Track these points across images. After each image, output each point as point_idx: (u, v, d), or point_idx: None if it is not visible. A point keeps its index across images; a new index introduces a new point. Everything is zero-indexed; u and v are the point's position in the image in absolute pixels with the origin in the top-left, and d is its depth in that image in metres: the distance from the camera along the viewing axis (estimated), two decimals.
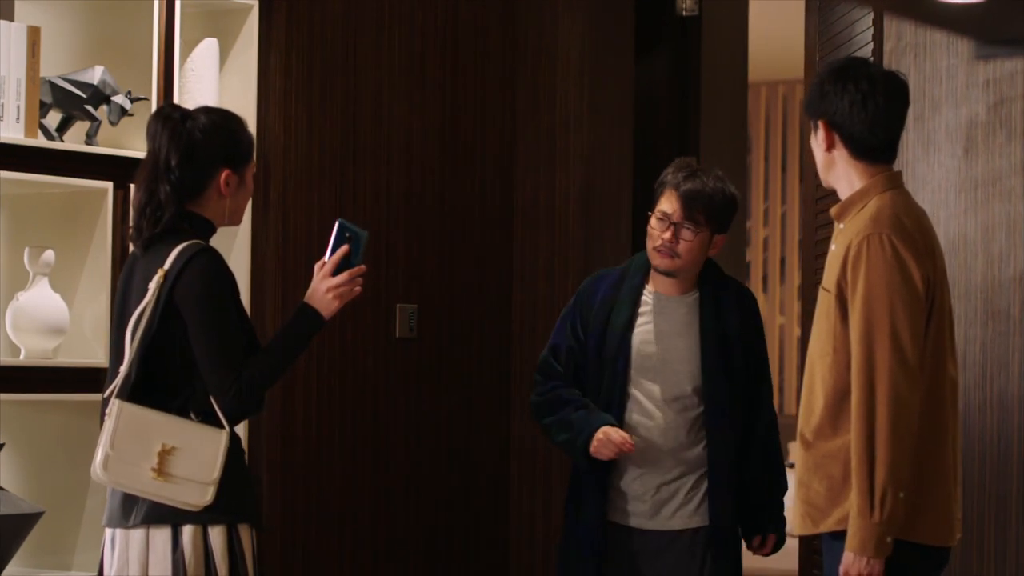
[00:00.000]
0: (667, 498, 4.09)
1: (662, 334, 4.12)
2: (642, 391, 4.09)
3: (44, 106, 4.46)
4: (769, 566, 9.51)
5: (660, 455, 4.08)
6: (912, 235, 3.42)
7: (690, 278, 4.14)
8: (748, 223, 11.16)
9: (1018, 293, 4.09)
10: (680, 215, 4.06)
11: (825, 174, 3.60)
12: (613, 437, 3.98)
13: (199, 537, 3.48)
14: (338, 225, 3.63)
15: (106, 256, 4.53)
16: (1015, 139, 4.12)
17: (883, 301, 3.37)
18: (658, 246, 4.08)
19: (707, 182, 4.08)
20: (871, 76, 3.53)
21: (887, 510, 3.32)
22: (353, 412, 5.23)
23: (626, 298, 4.14)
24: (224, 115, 3.66)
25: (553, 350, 4.19)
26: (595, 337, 4.12)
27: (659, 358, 4.10)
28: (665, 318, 4.13)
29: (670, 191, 4.11)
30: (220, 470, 3.46)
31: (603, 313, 4.14)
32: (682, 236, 4.06)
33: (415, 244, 5.41)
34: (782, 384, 11.51)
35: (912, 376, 3.35)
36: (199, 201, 3.60)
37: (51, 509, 4.35)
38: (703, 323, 4.10)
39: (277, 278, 5.03)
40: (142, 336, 3.50)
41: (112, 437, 3.45)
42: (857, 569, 3.36)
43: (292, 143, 5.09)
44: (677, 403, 4.09)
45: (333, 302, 3.59)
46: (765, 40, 8.94)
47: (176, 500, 3.46)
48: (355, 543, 5.23)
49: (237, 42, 4.95)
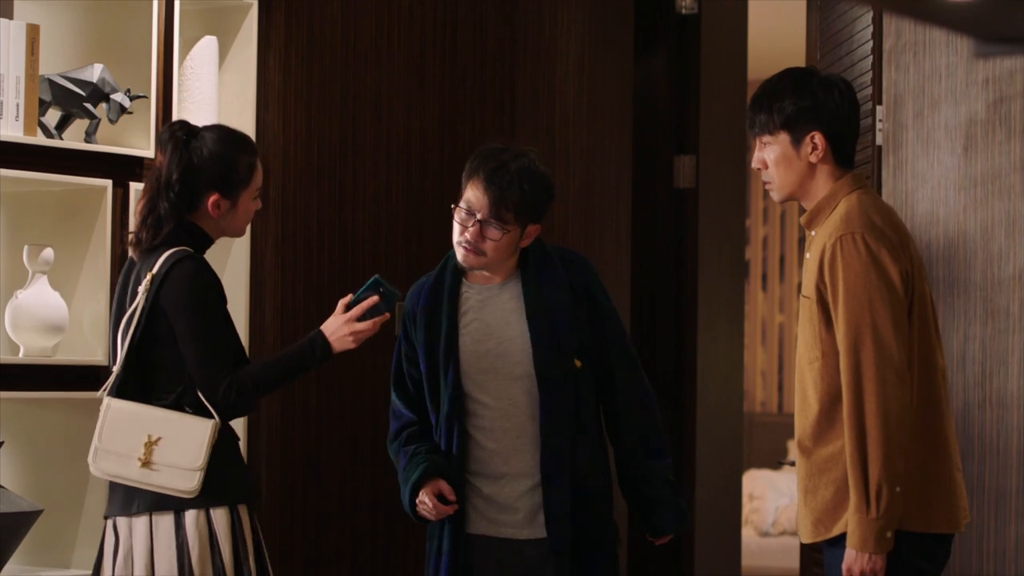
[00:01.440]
0: (541, 503, 3.75)
1: (491, 328, 3.79)
2: (486, 393, 3.77)
3: (43, 104, 4.46)
4: (771, 565, 9.55)
5: (525, 455, 3.76)
6: (884, 231, 3.43)
7: (507, 268, 3.82)
8: (747, 221, 11.16)
9: (1017, 291, 4.08)
10: (486, 212, 3.73)
11: (796, 187, 3.57)
12: (427, 504, 3.71)
13: (203, 520, 3.65)
14: (373, 280, 3.78)
15: (105, 254, 4.53)
16: (1014, 137, 4.12)
17: (863, 300, 3.39)
18: (461, 242, 3.76)
19: (517, 175, 3.73)
20: (841, 81, 3.58)
21: (883, 505, 3.34)
22: (352, 409, 5.23)
23: (445, 301, 3.81)
24: (228, 140, 3.82)
25: (394, 381, 3.91)
26: (424, 350, 3.81)
27: (495, 354, 3.78)
28: (491, 311, 3.81)
29: (476, 181, 3.76)
30: (206, 457, 3.63)
31: (424, 323, 3.82)
32: (488, 235, 3.74)
33: (414, 242, 5.41)
34: (782, 383, 11.52)
35: (898, 371, 3.37)
36: (197, 215, 3.79)
37: (50, 507, 4.34)
38: (527, 307, 3.77)
39: (276, 277, 5.03)
40: (131, 338, 3.69)
41: (100, 431, 3.67)
42: (860, 566, 3.38)
43: (291, 141, 5.09)
44: (527, 397, 3.75)
45: (350, 343, 3.77)
46: (764, 38, 8.93)
47: (164, 487, 3.63)
48: (354, 539, 5.23)
49: (236, 40, 4.95)
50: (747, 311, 10.61)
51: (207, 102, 4.76)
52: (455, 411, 3.77)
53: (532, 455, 3.75)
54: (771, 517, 10.07)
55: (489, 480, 3.77)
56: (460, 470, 3.78)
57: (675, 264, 6.64)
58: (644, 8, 6.47)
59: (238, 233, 3.88)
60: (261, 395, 3.77)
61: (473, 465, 3.78)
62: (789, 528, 9.82)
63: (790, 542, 9.35)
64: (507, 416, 3.77)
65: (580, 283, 3.83)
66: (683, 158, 6.60)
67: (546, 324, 3.76)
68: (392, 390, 3.93)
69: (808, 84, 3.54)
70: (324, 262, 5.17)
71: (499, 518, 3.76)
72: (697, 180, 6.60)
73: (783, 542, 9.75)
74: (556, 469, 3.73)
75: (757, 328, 11.51)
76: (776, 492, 10.11)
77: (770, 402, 11.51)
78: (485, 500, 3.77)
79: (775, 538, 9.98)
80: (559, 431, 3.74)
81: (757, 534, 10.01)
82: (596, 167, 6.09)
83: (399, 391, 3.92)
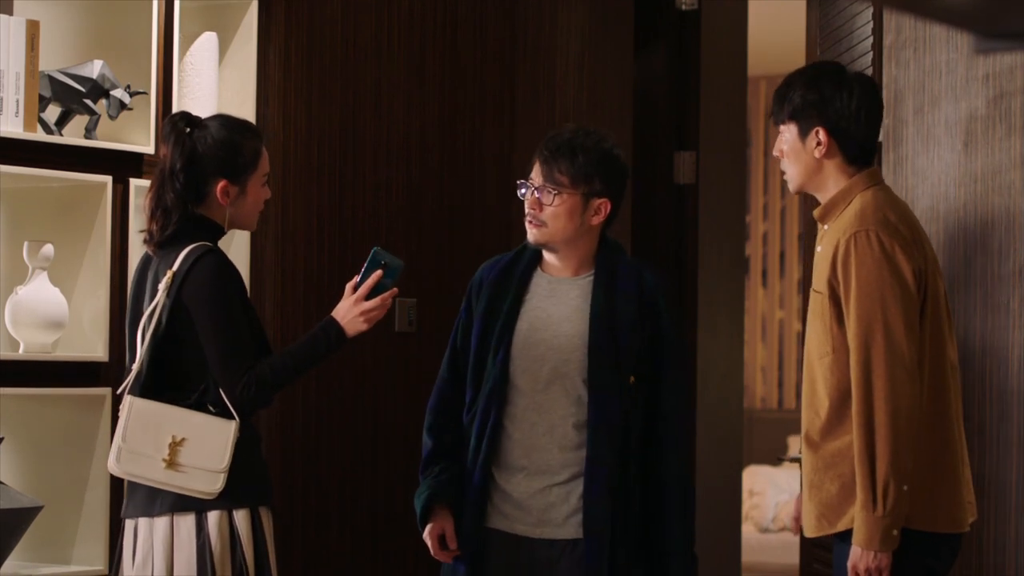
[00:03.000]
0: (557, 502, 3.69)
1: (550, 319, 3.72)
2: (527, 382, 3.70)
3: (43, 100, 4.46)
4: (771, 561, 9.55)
5: (547, 454, 3.69)
6: (898, 228, 3.43)
7: (579, 255, 3.74)
8: (748, 217, 11.16)
9: (1017, 287, 4.08)
10: (540, 178, 3.69)
11: (806, 181, 3.56)
12: (433, 547, 3.72)
13: (225, 522, 3.62)
14: (373, 253, 3.74)
15: (105, 250, 4.53)
16: (1015, 133, 4.11)
17: (875, 297, 3.38)
18: (525, 217, 3.73)
19: (569, 142, 3.68)
20: (864, 80, 3.56)
21: (890, 503, 3.34)
22: (352, 405, 5.23)
23: (515, 282, 3.75)
24: (232, 126, 3.80)
25: (448, 363, 3.82)
26: (479, 323, 3.74)
27: (547, 346, 3.70)
28: (555, 302, 3.74)
29: (536, 157, 3.73)
30: (229, 459, 3.60)
31: (488, 296, 3.76)
32: (543, 200, 3.67)
33: (414, 238, 5.41)
34: (782, 379, 11.51)
35: (908, 369, 3.37)
36: (205, 205, 3.75)
37: (50, 503, 4.35)
38: (593, 307, 3.68)
39: (276, 273, 5.03)
40: (152, 335, 3.65)
41: (124, 431, 3.62)
42: (865, 563, 3.36)
43: (291, 138, 5.09)
44: (566, 398, 3.69)
45: (362, 325, 3.72)
46: (765, 34, 8.93)
47: (187, 488, 3.60)
48: (354, 536, 5.23)
49: (236, 36, 4.95)
50: (747, 307, 10.62)
51: (207, 98, 4.76)
52: (496, 393, 3.70)
53: (553, 455, 3.68)
54: (771, 513, 10.07)
55: (507, 472, 3.72)
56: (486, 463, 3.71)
57: (675, 260, 6.64)
58: (644, 5, 6.46)
59: (249, 224, 3.84)
60: (279, 388, 3.71)
61: (498, 454, 3.73)
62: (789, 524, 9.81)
63: (790, 538, 9.34)
64: (540, 409, 3.70)
65: (650, 299, 3.73)
66: (683, 154, 6.60)
67: (607, 331, 3.67)
68: (443, 364, 3.84)
69: (819, 79, 3.54)
70: (324, 258, 5.18)
71: (514, 514, 3.71)
72: (697, 176, 6.60)
73: (783, 538, 9.76)
74: (599, 479, 3.64)
75: (757, 324, 11.51)
76: (776, 488, 10.11)
77: (770, 398, 11.51)
78: (502, 494, 3.72)
79: (775, 534, 9.99)
80: (604, 439, 3.64)
81: (757, 530, 10.02)
82: None
83: (450, 365, 3.82)
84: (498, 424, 3.72)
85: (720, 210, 6.76)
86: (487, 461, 3.72)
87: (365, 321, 3.72)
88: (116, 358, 4.52)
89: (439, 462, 3.78)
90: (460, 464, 3.77)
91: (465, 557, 3.73)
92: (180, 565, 3.61)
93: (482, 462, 3.71)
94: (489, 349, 3.72)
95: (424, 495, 3.75)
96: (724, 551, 6.87)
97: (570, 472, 3.68)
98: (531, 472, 3.69)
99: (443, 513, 3.75)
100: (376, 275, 3.73)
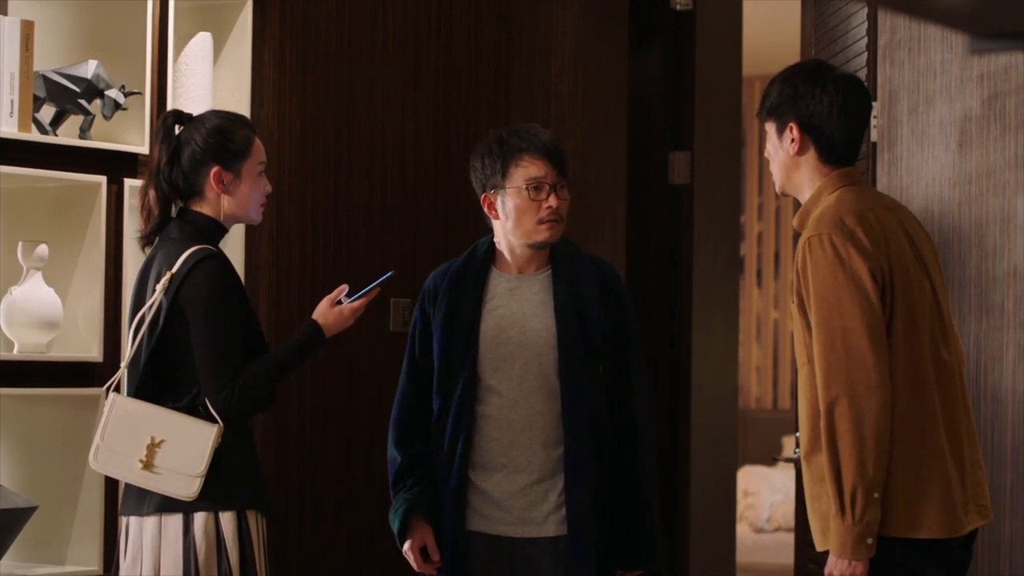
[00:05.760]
0: (537, 500, 3.71)
1: (516, 317, 3.75)
2: (501, 381, 3.72)
3: (38, 100, 4.45)
4: (766, 561, 9.56)
5: (528, 451, 3.71)
6: (853, 231, 3.33)
7: (547, 250, 3.81)
8: (742, 217, 11.17)
9: (1012, 287, 4.09)
10: (553, 176, 3.74)
11: (785, 180, 3.50)
12: (416, 561, 3.74)
13: (211, 524, 3.60)
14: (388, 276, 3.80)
15: (100, 250, 4.53)
16: (1009, 133, 4.12)
17: (831, 303, 3.29)
18: (545, 216, 3.72)
19: (543, 133, 3.78)
20: (844, 78, 3.49)
21: (858, 511, 3.25)
22: (348, 405, 5.23)
23: (472, 286, 3.77)
24: (222, 115, 3.80)
25: (407, 369, 3.82)
26: (440, 330, 3.74)
27: (516, 343, 3.72)
28: (518, 299, 3.77)
29: (531, 156, 3.74)
30: (207, 464, 3.58)
31: (446, 303, 3.76)
32: (561, 196, 3.75)
33: (408, 238, 5.41)
34: (776, 379, 11.52)
35: (870, 375, 3.26)
36: (200, 201, 3.74)
37: (45, 503, 4.34)
38: (557, 300, 3.73)
39: (271, 272, 5.03)
40: (146, 337, 3.64)
41: (104, 429, 3.61)
42: (840, 571, 3.29)
43: (285, 137, 5.09)
44: (541, 392, 3.72)
45: (347, 320, 3.78)
46: (760, 34, 8.94)
47: (163, 491, 3.59)
48: (350, 536, 5.23)
49: (231, 36, 4.95)
50: (742, 307, 10.62)
51: (202, 98, 4.76)
52: (468, 396, 3.71)
53: (534, 452, 3.71)
54: (766, 513, 10.08)
55: (486, 472, 3.73)
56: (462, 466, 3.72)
57: (670, 260, 6.65)
58: (639, 4, 6.47)
59: (248, 215, 3.79)
60: (264, 391, 3.67)
61: (474, 455, 3.73)
62: (784, 524, 9.82)
63: (785, 538, 9.35)
64: (516, 407, 3.72)
65: (612, 289, 3.80)
66: (678, 154, 6.60)
67: (575, 320, 3.72)
68: (403, 376, 3.84)
69: (795, 75, 3.49)
70: (319, 257, 5.17)
71: (494, 514, 3.71)
72: (692, 176, 6.60)
73: (778, 538, 9.76)
74: (581, 469, 3.68)
75: (752, 324, 11.52)
76: (771, 488, 10.11)
77: (765, 398, 11.51)
78: (481, 496, 3.72)
79: (770, 534, 9.99)
80: (582, 430, 3.68)
81: (752, 530, 10.02)
82: (591, 163, 6.09)
83: (411, 376, 3.82)
84: (474, 425, 3.73)
85: (715, 210, 6.77)
86: (463, 464, 3.72)
87: (351, 315, 3.78)
88: (111, 358, 4.52)
89: (410, 475, 3.78)
90: (431, 474, 3.77)
91: (447, 564, 3.73)
92: (167, 566, 3.60)
93: (458, 465, 3.72)
94: (455, 354, 3.73)
95: (401, 509, 3.75)
96: (719, 551, 6.87)
97: (550, 468, 3.70)
98: (511, 470, 3.71)
99: (422, 525, 3.76)
100: (375, 292, 3.78)
